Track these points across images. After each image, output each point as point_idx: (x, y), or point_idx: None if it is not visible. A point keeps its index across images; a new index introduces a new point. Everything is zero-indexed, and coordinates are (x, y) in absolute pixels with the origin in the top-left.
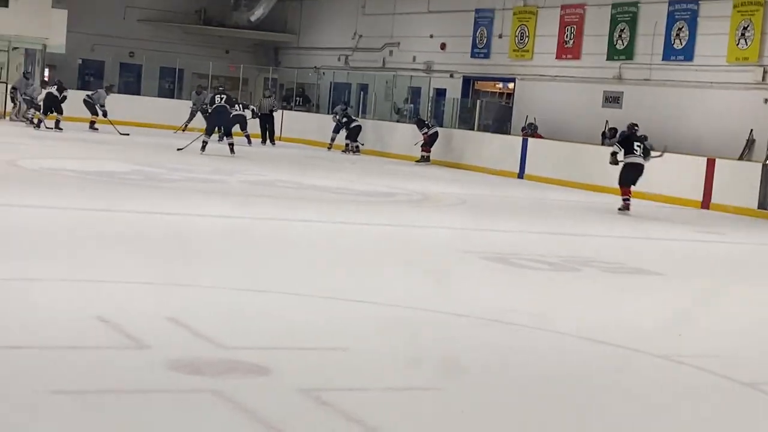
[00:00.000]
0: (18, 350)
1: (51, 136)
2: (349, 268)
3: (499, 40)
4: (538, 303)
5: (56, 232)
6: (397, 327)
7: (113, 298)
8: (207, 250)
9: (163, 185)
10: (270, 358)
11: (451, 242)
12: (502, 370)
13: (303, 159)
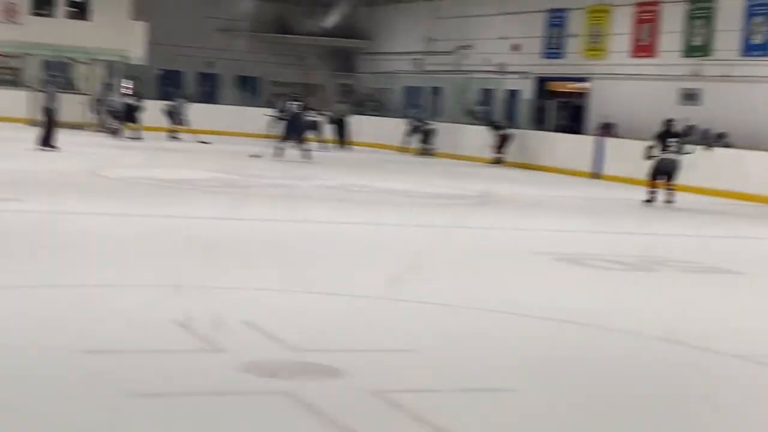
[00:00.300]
0: (97, 354)
1: (131, 146)
2: (419, 269)
3: (572, 39)
4: (613, 304)
5: (134, 238)
6: (467, 328)
7: (189, 302)
8: (280, 254)
9: (239, 191)
10: (341, 360)
11: (524, 244)
12: (576, 371)
13: (376, 163)
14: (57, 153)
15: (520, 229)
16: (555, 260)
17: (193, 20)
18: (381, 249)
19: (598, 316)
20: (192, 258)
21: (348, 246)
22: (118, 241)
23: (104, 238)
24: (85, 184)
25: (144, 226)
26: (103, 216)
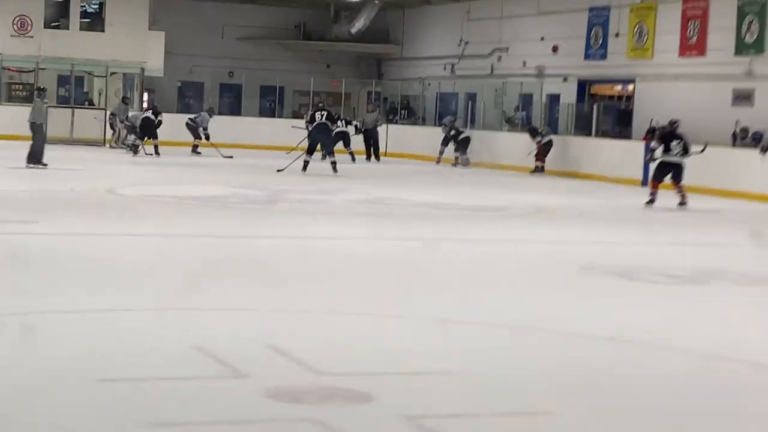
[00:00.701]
0: (116, 382)
1: (150, 162)
2: (456, 286)
3: (615, 39)
4: (663, 320)
5: (153, 259)
6: (508, 348)
7: (210, 326)
8: (306, 272)
9: (264, 208)
10: (372, 384)
11: (568, 258)
12: (625, 392)
13: (410, 174)
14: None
15: (564, 242)
16: (603, 274)
17: (212, 29)
18: (414, 266)
19: (651, 333)
20: (213, 279)
21: (379, 263)
22: (137, 263)
23: (122, 259)
24: (103, 203)
25: (163, 246)
26: (122, 237)
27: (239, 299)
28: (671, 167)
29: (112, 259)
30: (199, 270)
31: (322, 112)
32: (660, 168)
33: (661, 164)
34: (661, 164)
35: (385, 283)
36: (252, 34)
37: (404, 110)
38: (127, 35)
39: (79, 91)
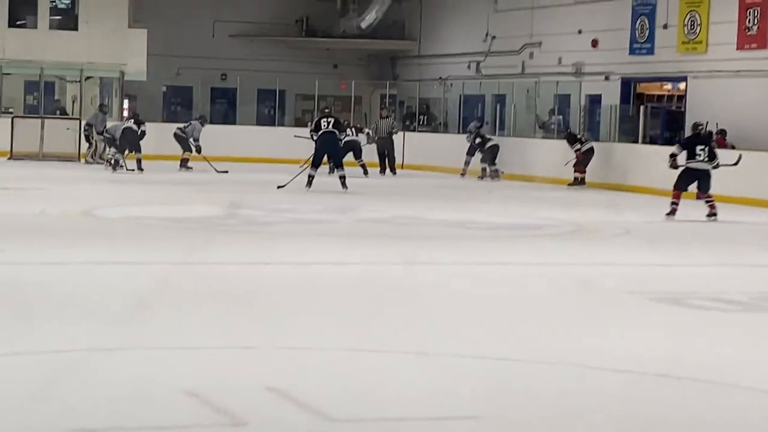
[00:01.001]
0: None
1: (132, 179)
2: (485, 318)
3: (664, 31)
4: (719, 352)
5: (138, 291)
6: (545, 387)
7: (204, 367)
8: (314, 304)
9: (263, 230)
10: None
11: (612, 282)
12: None
13: (430, 190)
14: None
15: (607, 264)
16: (651, 300)
17: (201, 25)
18: (436, 295)
19: (707, 368)
20: (204, 313)
21: (395, 293)
22: (119, 295)
23: (103, 291)
24: (78, 227)
25: (149, 276)
26: (101, 265)
27: (234, 336)
28: (697, 175)
29: (89, 292)
30: (189, 303)
31: (328, 119)
32: (683, 175)
33: (686, 171)
34: (686, 171)
35: (404, 316)
36: (247, 31)
37: (423, 115)
38: (104, 34)
39: (50, 99)
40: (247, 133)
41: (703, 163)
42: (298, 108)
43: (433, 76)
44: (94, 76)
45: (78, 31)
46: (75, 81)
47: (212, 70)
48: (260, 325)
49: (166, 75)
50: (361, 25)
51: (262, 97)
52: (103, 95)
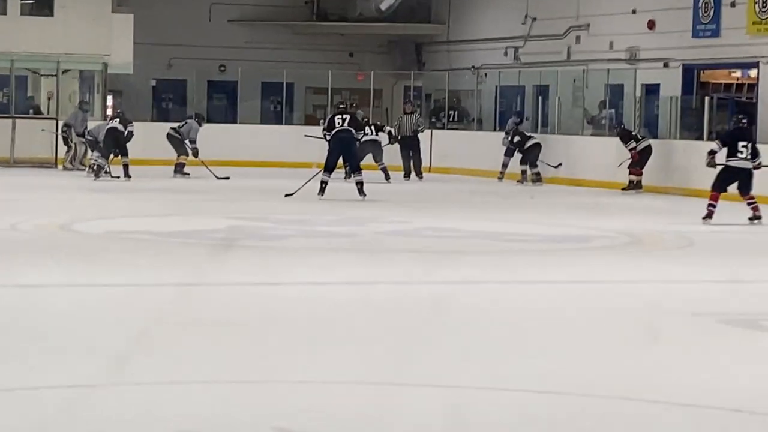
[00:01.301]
0: None
1: (117, 187)
2: (525, 344)
3: (731, 10)
4: None
5: (126, 318)
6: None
7: (203, 403)
8: (328, 330)
9: (270, 245)
10: None
11: (673, 301)
12: None
13: (462, 196)
14: None
15: (669, 281)
16: (720, 323)
17: (196, 9)
18: (469, 317)
19: None
20: (204, 342)
21: (423, 315)
22: (104, 323)
23: (84, 319)
24: (55, 243)
25: (139, 301)
26: (82, 288)
27: (234, 368)
28: (737, 174)
29: (69, 320)
30: (184, 331)
31: (343, 116)
32: (722, 175)
33: (725, 170)
34: (725, 170)
35: (432, 344)
36: (249, 15)
37: (453, 110)
38: (84, 20)
39: (22, 96)
40: (249, 133)
41: (745, 161)
42: (309, 103)
43: (464, 64)
44: (72, 69)
45: (53, 18)
46: (51, 75)
47: (209, 60)
48: (267, 355)
49: (155, 67)
50: (380, 6)
51: (266, 91)
52: (83, 91)
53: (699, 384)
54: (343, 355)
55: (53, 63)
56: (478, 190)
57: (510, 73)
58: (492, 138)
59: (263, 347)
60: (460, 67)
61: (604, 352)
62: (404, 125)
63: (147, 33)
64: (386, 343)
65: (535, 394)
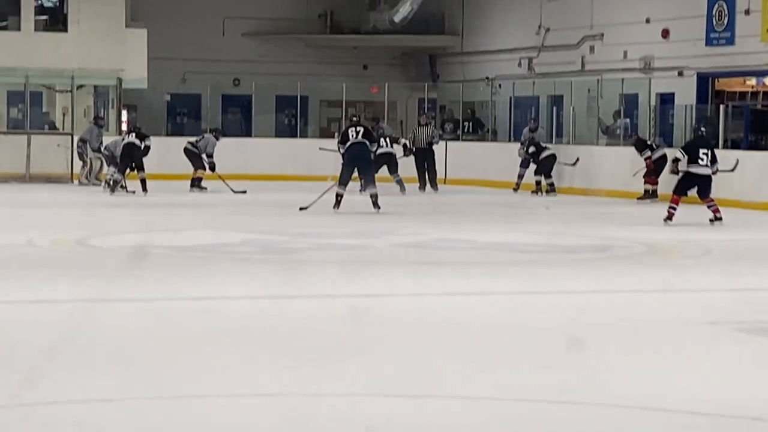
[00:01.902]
0: None
1: (134, 202)
2: (542, 355)
3: (746, 17)
4: None
5: (141, 332)
6: None
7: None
8: (344, 342)
9: (286, 258)
10: None
11: (691, 310)
12: None
13: (478, 207)
14: None
15: (685, 290)
16: (737, 331)
17: (210, 23)
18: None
19: None
20: (220, 355)
21: (440, 328)
22: (119, 337)
23: (100, 333)
24: (72, 259)
25: (154, 314)
26: (98, 303)
27: (252, 381)
28: (698, 180)
29: (84, 334)
30: (200, 344)
31: (357, 129)
32: (684, 180)
33: (687, 176)
34: (687, 176)
35: (448, 356)
36: (262, 29)
37: (468, 122)
38: (98, 36)
39: (37, 112)
40: (264, 147)
41: (705, 167)
42: (323, 116)
43: (478, 76)
44: (87, 85)
45: (68, 33)
46: (65, 90)
47: (223, 74)
48: (281, 369)
49: (169, 81)
50: (394, 18)
51: (281, 104)
52: (98, 106)
53: (718, 393)
54: (358, 367)
55: (68, 78)
56: (494, 202)
57: (524, 84)
58: (507, 149)
59: (280, 360)
60: (475, 78)
61: (622, 362)
62: (419, 137)
63: (161, 47)
64: (402, 354)
65: (554, 404)
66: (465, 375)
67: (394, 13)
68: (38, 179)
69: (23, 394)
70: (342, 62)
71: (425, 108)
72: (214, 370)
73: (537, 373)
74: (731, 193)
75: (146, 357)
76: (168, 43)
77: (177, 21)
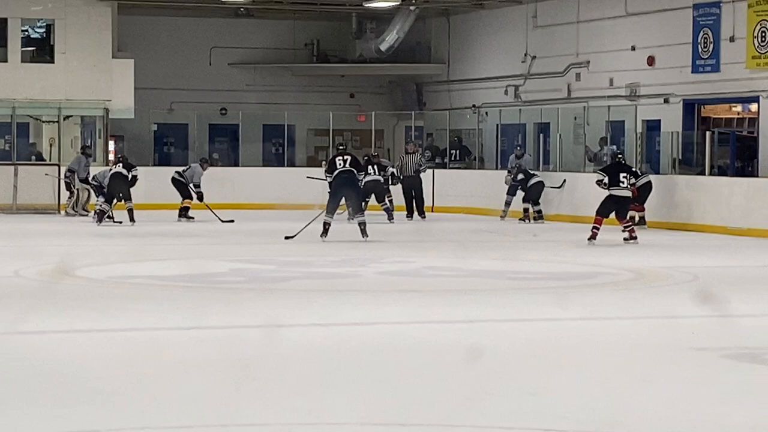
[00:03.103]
0: None
1: (120, 232)
2: (531, 383)
3: (730, 45)
4: None
5: (129, 363)
6: None
7: None
8: (333, 371)
9: (273, 287)
10: None
11: (677, 337)
12: None
13: (465, 235)
14: None
15: (672, 316)
16: (722, 357)
17: (196, 52)
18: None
19: None
20: (208, 386)
21: (428, 355)
22: (107, 369)
23: (88, 365)
24: (58, 290)
25: (142, 345)
26: (86, 334)
27: (240, 411)
28: (619, 201)
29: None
30: (188, 375)
31: (344, 157)
32: (606, 202)
33: (609, 198)
34: (609, 198)
35: (439, 382)
36: (249, 58)
37: (455, 150)
38: (85, 66)
39: (24, 142)
40: (251, 176)
41: (626, 190)
42: (311, 145)
43: (465, 103)
44: (74, 115)
45: (54, 64)
46: (52, 121)
47: (210, 103)
48: (273, 397)
49: (156, 111)
50: (380, 47)
51: (268, 133)
52: (84, 136)
53: (705, 418)
54: (348, 396)
55: (54, 109)
56: (480, 229)
57: (511, 112)
58: (494, 176)
59: (269, 390)
60: (461, 106)
61: (611, 389)
62: (406, 165)
63: (148, 78)
64: (391, 383)
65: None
66: (453, 403)
67: (381, 41)
68: (25, 210)
69: (7, 425)
70: (329, 91)
71: (412, 136)
72: (202, 399)
73: (524, 401)
74: (718, 220)
75: (133, 387)
76: (155, 73)
77: (164, 51)
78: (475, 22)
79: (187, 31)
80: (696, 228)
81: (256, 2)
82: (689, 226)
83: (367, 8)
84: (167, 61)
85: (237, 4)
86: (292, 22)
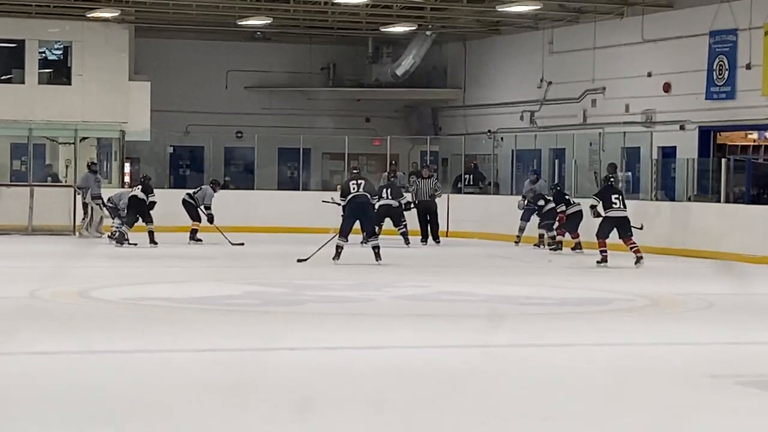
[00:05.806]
0: None
1: (135, 254)
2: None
3: (746, 72)
4: None
5: (143, 384)
6: None
7: None
8: (342, 395)
9: (286, 310)
10: None
11: (693, 363)
12: None
13: (480, 260)
14: None
15: (688, 343)
16: (740, 385)
17: (213, 76)
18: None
19: None
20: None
21: (441, 381)
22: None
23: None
24: (74, 311)
25: (155, 366)
26: (99, 355)
27: None
28: (616, 221)
29: (85, 388)
30: (203, 397)
31: (358, 181)
32: (605, 224)
33: (606, 220)
34: (606, 220)
35: (452, 407)
36: (265, 82)
37: (470, 174)
38: (102, 88)
39: (40, 164)
40: (266, 199)
41: (620, 210)
42: (326, 169)
43: (480, 128)
44: (90, 137)
45: (71, 86)
46: (69, 143)
47: (226, 127)
48: (283, 421)
49: (172, 134)
50: (396, 72)
51: (283, 157)
52: (100, 159)
53: None
54: (361, 420)
55: (71, 131)
56: (494, 254)
57: (526, 137)
58: (509, 202)
59: (280, 412)
60: (476, 131)
61: (622, 414)
62: (421, 190)
63: (164, 100)
64: (404, 407)
65: None
66: (466, 427)
67: (397, 66)
68: (41, 231)
69: None
70: (344, 115)
71: (427, 161)
72: (214, 422)
73: (537, 426)
74: (734, 247)
75: (146, 408)
76: (171, 95)
77: (180, 74)
78: (491, 48)
79: (204, 54)
80: (713, 255)
81: (272, 26)
82: (705, 253)
83: (383, 33)
84: (183, 84)
85: (253, 28)
86: (308, 46)
